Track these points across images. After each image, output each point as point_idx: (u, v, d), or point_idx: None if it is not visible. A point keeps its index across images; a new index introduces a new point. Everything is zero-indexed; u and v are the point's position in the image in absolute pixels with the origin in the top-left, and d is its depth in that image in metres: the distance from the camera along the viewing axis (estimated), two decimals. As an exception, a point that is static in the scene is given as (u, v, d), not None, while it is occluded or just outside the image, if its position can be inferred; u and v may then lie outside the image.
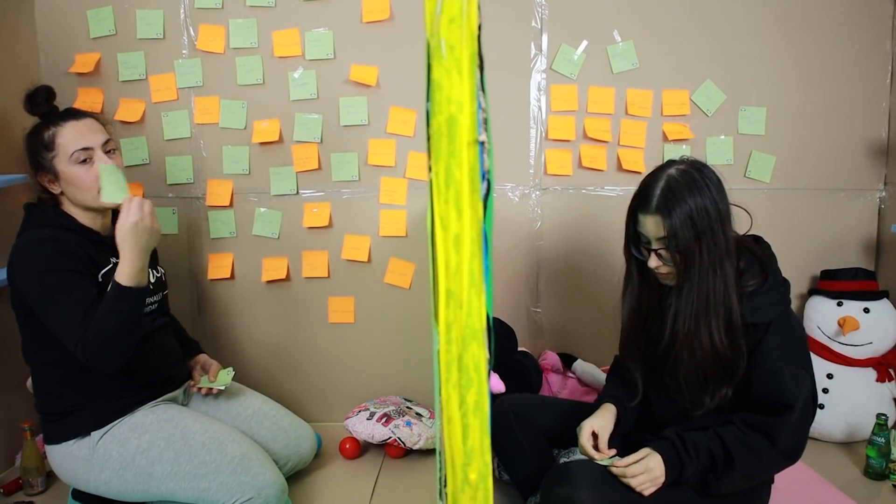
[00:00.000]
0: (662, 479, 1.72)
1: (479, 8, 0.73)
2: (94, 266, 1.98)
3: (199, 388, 2.23)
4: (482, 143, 0.77)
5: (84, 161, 1.95)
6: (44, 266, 1.89)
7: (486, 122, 0.79)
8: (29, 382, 2.38)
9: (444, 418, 0.92)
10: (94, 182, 1.96)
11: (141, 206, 1.88)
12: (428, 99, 0.78)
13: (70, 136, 1.95)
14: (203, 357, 2.37)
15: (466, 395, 0.88)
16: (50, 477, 2.35)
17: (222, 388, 2.24)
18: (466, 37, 0.71)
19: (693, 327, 1.72)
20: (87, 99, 2.61)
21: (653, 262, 1.76)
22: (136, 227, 1.85)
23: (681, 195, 1.68)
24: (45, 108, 2.02)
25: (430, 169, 0.79)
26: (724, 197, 1.72)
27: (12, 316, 2.30)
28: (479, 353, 0.86)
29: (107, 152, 1.99)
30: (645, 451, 1.76)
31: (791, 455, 1.74)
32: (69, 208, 2.03)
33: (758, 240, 1.85)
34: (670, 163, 1.77)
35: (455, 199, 0.78)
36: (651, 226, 1.73)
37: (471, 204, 0.78)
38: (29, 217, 2.03)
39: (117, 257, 2.05)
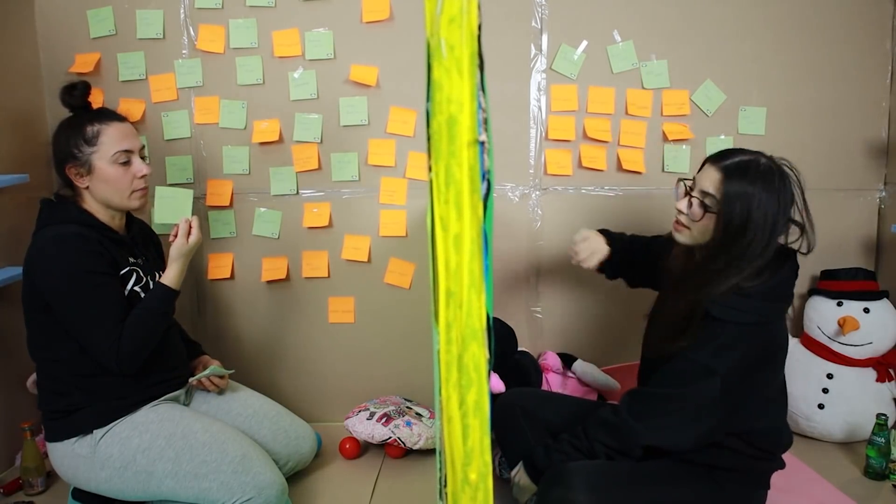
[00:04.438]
0: None
1: (479, 8, 0.73)
2: (115, 266, 2.02)
3: (198, 382, 2.25)
4: (482, 143, 0.77)
5: (124, 163, 2.02)
6: (72, 267, 1.92)
7: (486, 121, 0.79)
8: (29, 382, 2.38)
9: (445, 418, 0.92)
10: (129, 184, 2.04)
11: (199, 227, 2.10)
12: (428, 99, 0.78)
13: (115, 136, 2.02)
14: (205, 359, 2.38)
15: (466, 394, 0.88)
16: (50, 477, 2.34)
17: (220, 375, 2.28)
18: (466, 37, 0.71)
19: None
20: (87, 99, 2.61)
21: (682, 204, 1.81)
22: (195, 247, 2.10)
23: (753, 178, 1.71)
24: (81, 102, 2.08)
25: (430, 169, 0.79)
26: (784, 213, 1.73)
27: (12, 315, 2.30)
28: (479, 352, 0.86)
29: (141, 158, 2.08)
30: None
31: (639, 416, 1.77)
32: (90, 205, 2.06)
33: (789, 255, 1.82)
34: (766, 155, 1.78)
35: (455, 199, 0.78)
36: (707, 175, 1.76)
37: (471, 204, 0.78)
38: (49, 212, 2.03)
39: (135, 257, 2.10)
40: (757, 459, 1.84)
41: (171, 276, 2.07)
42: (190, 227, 2.09)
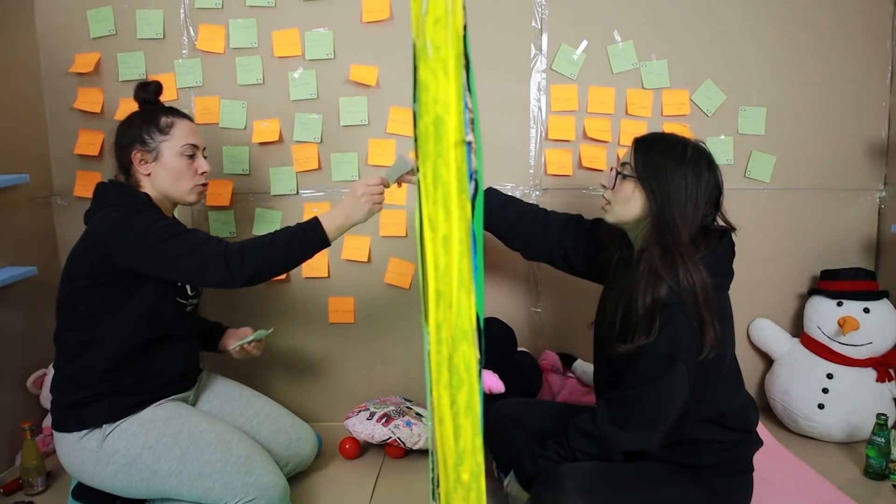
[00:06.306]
0: None
1: (464, 8, 0.73)
2: None
3: (241, 347, 2.30)
4: (469, 144, 0.77)
5: (189, 156, 2.10)
6: (153, 220, 1.98)
7: (472, 122, 0.79)
8: (29, 382, 2.39)
9: (436, 419, 0.92)
10: (192, 178, 2.12)
11: (371, 188, 2.06)
12: (415, 100, 0.78)
13: (186, 130, 2.12)
14: (231, 330, 2.43)
15: (457, 395, 0.88)
16: (50, 477, 2.35)
17: (260, 338, 2.32)
18: (452, 37, 0.71)
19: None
20: (87, 99, 2.62)
21: (604, 180, 1.89)
22: (356, 194, 2.07)
23: (663, 148, 1.78)
24: (154, 98, 2.17)
25: (417, 170, 0.79)
26: (702, 184, 1.76)
27: (13, 315, 2.30)
28: (469, 353, 0.86)
29: (204, 157, 2.17)
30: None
31: (622, 425, 1.77)
32: (148, 192, 2.10)
33: (723, 235, 1.85)
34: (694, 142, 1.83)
35: (443, 200, 0.78)
36: (626, 151, 1.86)
37: (459, 204, 0.78)
38: (116, 193, 2.07)
39: None
40: (734, 445, 1.85)
41: (328, 214, 2.11)
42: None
